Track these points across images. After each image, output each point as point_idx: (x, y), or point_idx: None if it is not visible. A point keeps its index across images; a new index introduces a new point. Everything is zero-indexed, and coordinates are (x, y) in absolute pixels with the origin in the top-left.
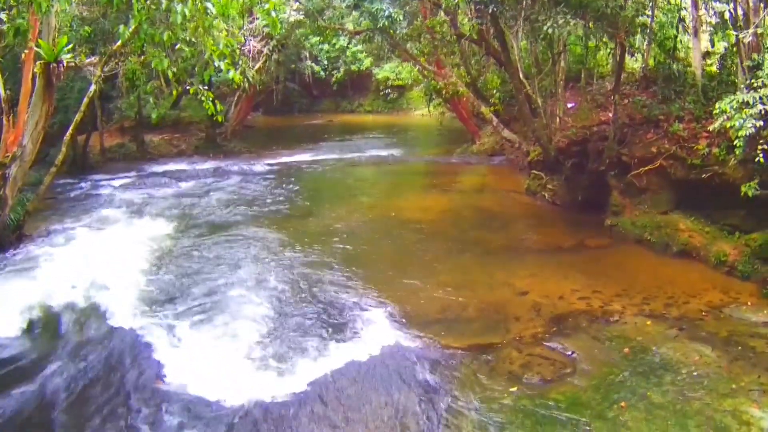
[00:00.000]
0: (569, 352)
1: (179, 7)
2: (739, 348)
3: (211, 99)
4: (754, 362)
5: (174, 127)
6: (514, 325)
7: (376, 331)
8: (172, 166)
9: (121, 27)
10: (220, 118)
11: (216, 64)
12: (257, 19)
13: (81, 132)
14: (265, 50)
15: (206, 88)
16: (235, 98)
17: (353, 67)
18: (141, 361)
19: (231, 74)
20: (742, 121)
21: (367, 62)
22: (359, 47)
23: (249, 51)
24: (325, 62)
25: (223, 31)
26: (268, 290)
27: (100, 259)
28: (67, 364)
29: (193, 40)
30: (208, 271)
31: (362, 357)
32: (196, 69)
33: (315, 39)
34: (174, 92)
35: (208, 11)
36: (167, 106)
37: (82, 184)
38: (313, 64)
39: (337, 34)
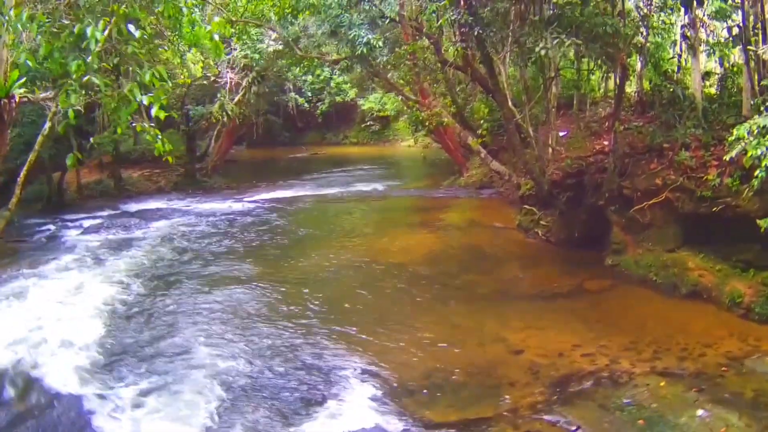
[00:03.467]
0: (574, 427)
1: (89, 30)
2: None
3: (158, 137)
4: None
5: (153, 162)
6: (509, 392)
7: (350, 405)
8: (148, 205)
9: (23, 55)
10: (171, 159)
11: (137, 99)
12: (235, 49)
13: (57, 169)
14: (244, 82)
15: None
16: (215, 132)
17: (338, 98)
18: None
19: (154, 110)
20: (764, 149)
21: (352, 93)
22: (344, 77)
23: (226, 83)
24: (309, 93)
25: (199, 62)
26: (231, 353)
27: (52, 314)
28: None
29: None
30: (168, 328)
31: None
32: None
33: (298, 70)
34: (120, 129)
35: (131, 35)
36: (150, 140)
37: (52, 225)
38: (297, 96)
39: (317, 63)
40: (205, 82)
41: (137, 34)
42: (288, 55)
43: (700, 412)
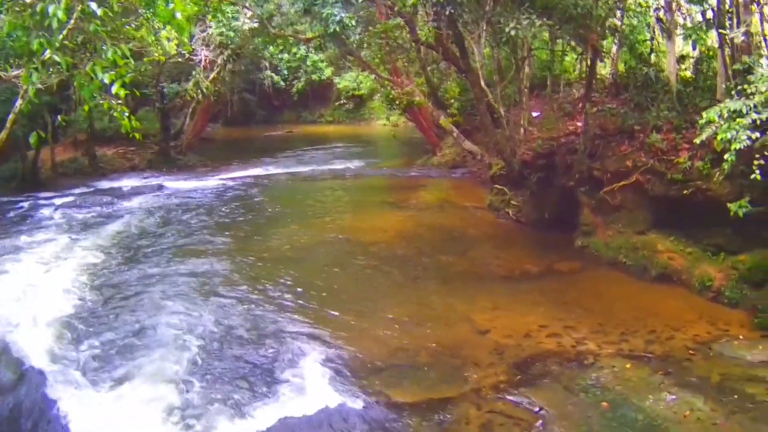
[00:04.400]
0: (537, 408)
1: (51, 9)
2: (736, 397)
3: (125, 114)
4: (755, 416)
5: (128, 140)
6: (474, 372)
7: (314, 385)
8: (121, 182)
9: None
10: (138, 136)
11: (99, 76)
12: (210, 27)
13: (31, 147)
14: (219, 60)
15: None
16: (190, 110)
17: (314, 77)
18: (48, 417)
19: (114, 88)
20: (734, 132)
21: (328, 72)
22: (320, 56)
23: (200, 61)
24: (285, 72)
25: (174, 40)
26: (197, 331)
27: (23, 289)
28: None
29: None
30: (135, 307)
31: (294, 419)
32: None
33: (273, 48)
34: (86, 107)
35: (93, 13)
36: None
37: (25, 203)
38: (273, 74)
39: (292, 42)
40: (180, 59)
41: (99, 12)
42: (263, 33)
43: (665, 395)
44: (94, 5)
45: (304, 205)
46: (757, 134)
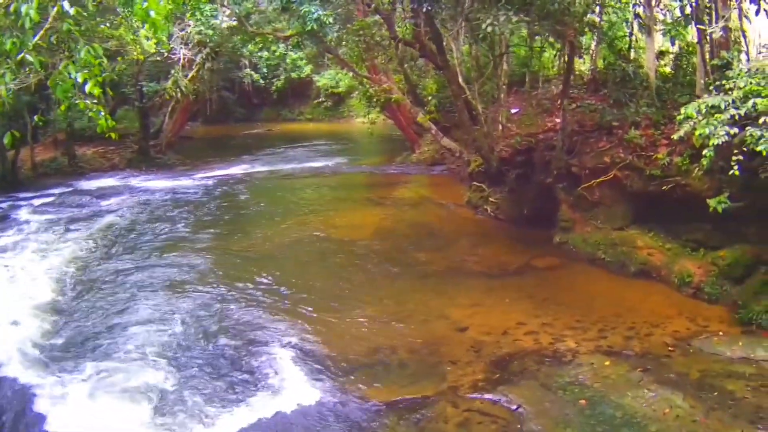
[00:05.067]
0: (515, 406)
1: (24, 8)
2: (715, 393)
3: (101, 113)
4: (735, 412)
5: (108, 139)
6: (451, 370)
7: (290, 383)
8: (101, 182)
9: None
10: (114, 135)
11: (72, 76)
12: (189, 25)
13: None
14: (198, 58)
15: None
16: (170, 109)
17: (293, 75)
18: (26, 421)
19: (88, 87)
20: (713, 128)
21: (308, 69)
22: (300, 54)
23: (179, 59)
24: (265, 70)
25: (153, 39)
26: (175, 332)
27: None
28: None
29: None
30: (113, 307)
31: (270, 417)
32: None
33: (251, 46)
34: (63, 107)
35: (66, 12)
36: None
37: (4, 204)
38: (252, 72)
39: (271, 40)
40: (158, 58)
41: (72, 11)
42: (241, 31)
43: (644, 392)
44: (66, 4)
45: (284, 203)
46: (736, 130)
